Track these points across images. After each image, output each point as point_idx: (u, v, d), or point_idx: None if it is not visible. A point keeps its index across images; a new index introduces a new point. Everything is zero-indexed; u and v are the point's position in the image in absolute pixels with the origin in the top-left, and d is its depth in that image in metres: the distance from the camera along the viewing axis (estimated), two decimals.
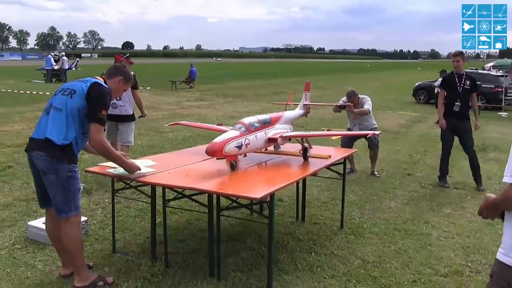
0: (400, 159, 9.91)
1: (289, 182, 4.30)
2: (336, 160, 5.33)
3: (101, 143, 3.92)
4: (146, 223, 5.56)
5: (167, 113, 16.64)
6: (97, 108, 3.84)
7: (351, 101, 8.32)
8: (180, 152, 5.99)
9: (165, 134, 12.12)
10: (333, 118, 16.27)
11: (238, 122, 4.65)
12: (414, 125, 15.56)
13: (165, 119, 14.47)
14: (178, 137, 11.73)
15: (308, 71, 57.78)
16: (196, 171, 4.44)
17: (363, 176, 8.37)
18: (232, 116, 14.82)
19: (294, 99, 6.41)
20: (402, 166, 9.29)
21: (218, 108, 18.72)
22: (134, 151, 9.56)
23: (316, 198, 6.93)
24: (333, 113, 9.16)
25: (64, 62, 30.69)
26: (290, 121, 5.46)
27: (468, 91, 7.71)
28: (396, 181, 8.10)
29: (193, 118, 14.94)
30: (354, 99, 8.37)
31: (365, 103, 8.38)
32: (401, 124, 15.70)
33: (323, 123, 14.05)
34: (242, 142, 4.44)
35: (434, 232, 5.70)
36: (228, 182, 4.21)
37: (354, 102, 8.32)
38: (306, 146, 5.10)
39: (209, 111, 17.56)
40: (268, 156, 5.23)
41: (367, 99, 8.45)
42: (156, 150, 9.51)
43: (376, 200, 6.98)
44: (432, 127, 15.38)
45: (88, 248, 4.89)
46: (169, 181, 4.18)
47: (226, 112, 17.32)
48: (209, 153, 4.27)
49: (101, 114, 3.84)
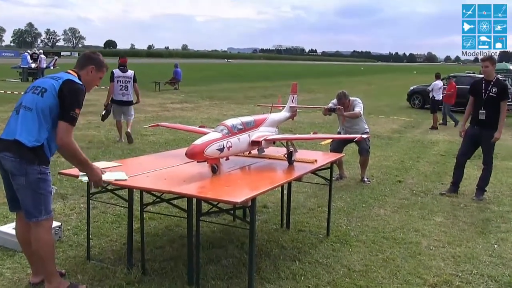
0: (391, 166, 10.01)
1: (273, 187, 4.34)
2: (322, 165, 5.38)
3: (69, 144, 3.78)
4: (123, 229, 5.56)
5: (149, 115, 16.64)
6: (70, 106, 3.78)
7: (341, 103, 8.32)
8: (160, 154, 6.00)
9: (146, 137, 12.10)
10: (324, 122, 16.38)
11: (220, 124, 4.68)
12: (408, 131, 15.73)
13: (147, 121, 14.48)
14: (160, 140, 11.73)
15: (299, 73, 58.01)
16: (176, 175, 4.46)
17: (352, 183, 8.44)
18: (218, 119, 14.84)
19: (284, 102, 6.45)
20: (393, 172, 9.38)
21: (203, 111, 18.74)
22: (114, 155, 9.55)
23: (302, 205, 6.98)
24: (324, 117, 9.26)
25: (42, 61, 30.53)
26: (275, 124, 5.50)
27: (493, 98, 7.47)
28: (387, 188, 8.18)
29: (177, 120, 14.95)
30: (345, 101, 8.39)
31: (356, 105, 8.40)
32: (394, 129, 15.87)
33: (314, 127, 14.10)
34: (224, 145, 4.46)
35: (424, 240, 5.77)
36: (208, 186, 4.23)
37: (345, 105, 8.33)
38: (291, 150, 5.14)
39: (193, 114, 17.56)
40: (251, 159, 5.27)
41: (358, 102, 8.46)
42: (137, 154, 9.50)
43: (364, 208, 7.04)
44: (426, 132, 15.57)
45: (61, 254, 4.88)
46: (147, 185, 4.19)
47: (212, 115, 17.34)
48: (189, 156, 4.30)
49: (74, 112, 3.77)
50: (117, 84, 11.18)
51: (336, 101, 8.51)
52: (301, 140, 9.84)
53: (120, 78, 11.22)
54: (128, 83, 11.24)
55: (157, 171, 4.60)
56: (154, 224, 5.88)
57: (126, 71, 11.35)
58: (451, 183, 8.05)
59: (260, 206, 6.72)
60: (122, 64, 11.44)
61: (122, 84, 11.20)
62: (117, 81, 11.18)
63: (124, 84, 11.22)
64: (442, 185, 8.51)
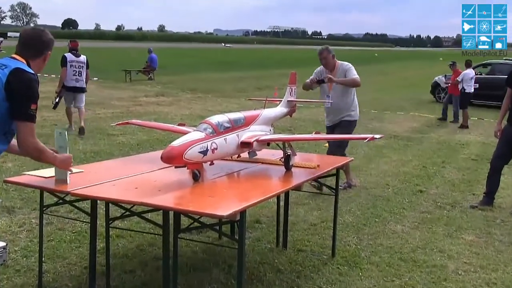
0: (411, 172, 10.07)
1: (266, 197, 4.36)
2: (326, 171, 5.40)
3: (35, 145, 3.88)
4: (84, 249, 5.56)
5: (118, 111, 16.64)
6: (26, 103, 3.78)
7: (322, 58, 8.08)
8: (130, 158, 6.01)
9: (114, 138, 12.11)
10: None
11: (204, 122, 4.69)
12: (432, 130, 15.82)
13: (115, 118, 14.44)
14: (131, 142, 11.74)
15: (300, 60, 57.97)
16: (149, 183, 4.47)
17: (363, 193, 8.49)
18: (201, 115, 14.85)
19: (280, 95, 6.47)
20: (414, 180, 9.44)
21: (184, 106, 18.75)
22: (74, 159, 9.48)
23: (302, 219, 6.99)
24: None
25: None
26: (270, 121, 5.52)
27: None
28: (405, 200, 8.22)
29: (152, 117, 14.96)
30: (328, 56, 8.11)
31: (348, 70, 8.08)
32: (415, 128, 15.94)
33: (316, 126, 14.14)
34: (208, 147, 4.48)
35: (451, 264, 5.81)
36: (189, 197, 4.25)
37: (329, 64, 8.09)
38: (288, 153, 5.16)
39: (172, 109, 17.57)
40: (240, 164, 5.29)
41: (350, 66, 8.16)
42: (103, 157, 9.49)
43: (378, 223, 7.07)
44: (454, 132, 15.66)
45: (5, 282, 4.87)
46: (114, 195, 4.20)
47: (194, 111, 17.35)
48: (165, 160, 4.30)
49: (31, 109, 3.80)
50: (70, 69, 12.30)
51: (321, 70, 8.26)
52: (301, 141, 9.86)
53: (74, 63, 12.38)
54: (82, 69, 12.53)
55: (127, 178, 4.61)
56: (123, 243, 5.88)
57: (79, 56, 12.58)
58: (485, 193, 8.11)
59: (252, 221, 6.72)
60: (74, 48, 12.66)
61: (75, 70, 12.36)
62: (70, 65, 12.31)
63: (78, 70, 12.39)
64: (473, 196, 8.56)
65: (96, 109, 16.58)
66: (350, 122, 8.39)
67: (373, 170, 9.95)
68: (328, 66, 8.17)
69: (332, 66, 8.18)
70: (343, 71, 8.16)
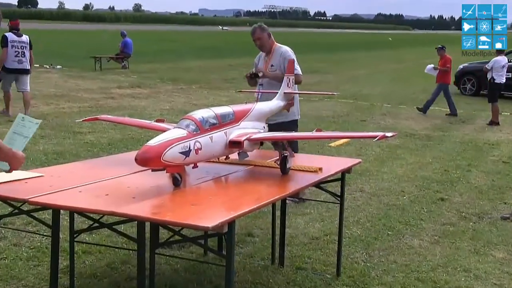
0: (430, 177, 10.11)
1: (259, 205, 4.37)
2: (330, 175, 5.42)
3: None
4: (44, 268, 5.54)
5: (86, 105, 16.64)
6: None
7: (256, 39, 7.73)
8: (100, 161, 6.01)
9: (81, 136, 12.10)
10: (335, 115, 16.47)
11: (186, 117, 4.70)
12: (455, 127, 15.90)
13: (83, 114, 14.41)
14: (102, 141, 11.72)
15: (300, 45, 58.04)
16: (122, 189, 4.49)
17: (374, 201, 8.53)
18: (184, 110, 14.83)
19: None
20: (433, 187, 9.48)
21: (164, 99, 18.76)
22: (33, 161, 9.52)
23: (302, 232, 7.01)
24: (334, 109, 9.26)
25: None
26: (264, 117, 5.54)
27: None
28: (423, 209, 8.25)
29: (126, 112, 14.99)
30: (262, 36, 7.77)
31: (288, 58, 7.46)
32: (435, 125, 16.02)
33: (319, 123, 14.18)
34: (191, 146, 4.49)
35: (478, 285, 5.83)
36: (168, 205, 4.26)
37: (265, 46, 7.72)
38: (285, 154, 5.17)
39: (149, 103, 17.58)
40: (229, 167, 5.30)
41: (291, 53, 7.75)
42: (68, 159, 9.49)
43: (391, 236, 7.10)
44: (483, 129, 15.71)
45: None
46: (81, 203, 4.20)
47: (175, 105, 17.36)
48: (140, 162, 4.31)
49: None
50: (12, 50, 13.19)
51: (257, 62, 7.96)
52: (300, 139, 9.87)
53: (15, 43, 13.28)
54: (25, 49, 13.33)
55: (96, 183, 4.62)
56: (91, 261, 5.86)
57: (21, 36, 13.52)
58: None
59: (243, 234, 6.74)
60: (15, 28, 13.47)
61: (18, 50, 13.28)
62: (11, 46, 13.20)
63: (21, 50, 13.30)
64: (504, 205, 8.61)
65: (60, 103, 16.58)
66: (288, 124, 8.08)
67: (385, 175, 9.99)
68: (263, 49, 7.96)
69: (268, 48, 7.94)
70: (282, 58, 7.82)
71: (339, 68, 34.31)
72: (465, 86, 23.76)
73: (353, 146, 12.07)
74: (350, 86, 24.89)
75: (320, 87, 21.37)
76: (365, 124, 15.47)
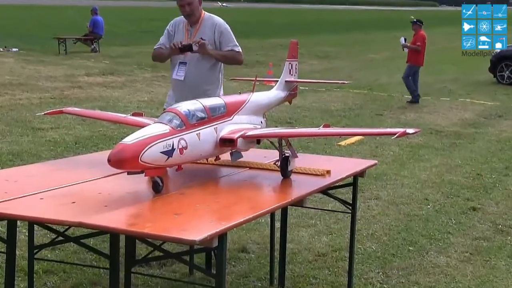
0: (460, 182, 10.12)
1: (255, 215, 4.37)
2: (339, 179, 5.43)
3: None
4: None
5: (48, 95, 16.63)
6: None
7: (185, 3, 7.01)
8: (65, 162, 6.00)
9: (42, 133, 12.09)
10: (347, 109, 16.45)
11: (168, 110, 4.73)
12: (490, 123, 15.90)
13: (44, 106, 14.43)
14: (67, 139, 11.71)
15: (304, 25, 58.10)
16: (92, 196, 4.50)
17: (392, 210, 8.55)
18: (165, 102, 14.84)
19: (277, 74, 6.49)
20: (464, 194, 9.49)
21: (142, 89, 18.77)
22: None
23: (306, 247, 7.02)
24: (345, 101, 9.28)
25: None
26: (262, 110, 5.57)
27: None
28: (451, 220, 8.27)
29: (96, 104, 14.96)
30: (193, 0, 7.05)
31: (224, 34, 7.19)
32: (466, 120, 16.05)
33: (327, 117, 14.21)
34: (175, 145, 4.50)
35: None
36: (147, 215, 4.28)
37: (195, 14, 7.06)
38: (287, 154, 5.19)
39: (124, 93, 17.59)
40: (220, 170, 5.33)
41: (228, 29, 7.25)
42: (26, 160, 9.50)
43: (413, 253, 7.10)
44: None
45: None
46: (42, 213, 4.20)
47: (156, 96, 17.34)
48: (114, 163, 4.32)
49: None
50: None
51: (176, 25, 7.30)
52: (304, 137, 9.90)
53: None
54: None
55: (60, 189, 4.62)
56: (54, 282, 5.82)
57: None
58: None
59: (236, 249, 6.76)
60: None
61: None
62: None
63: None
64: None
65: (16, 93, 16.56)
66: None
67: (406, 179, 10.00)
68: (192, 17, 7.19)
69: (197, 17, 7.27)
70: (218, 32, 7.26)
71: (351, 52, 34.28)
72: (503, 74, 23.70)
73: (367, 145, 12.09)
74: (365, 74, 24.90)
75: (328, 75, 21.40)
76: (382, 119, 15.48)
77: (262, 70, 18.95)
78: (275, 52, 28.61)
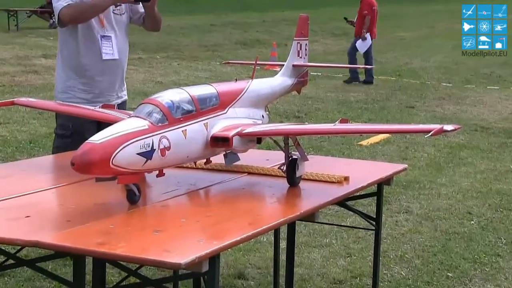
0: (511, 192, 10.13)
1: (254, 232, 4.38)
2: (360, 188, 5.43)
3: None
4: None
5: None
6: None
7: None
8: (15, 166, 6.03)
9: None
10: (369, 100, 16.48)
11: (147, 101, 4.71)
12: None
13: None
14: (19, 137, 11.75)
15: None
16: (50, 208, 4.52)
17: (427, 227, 8.55)
18: (144, 92, 14.93)
19: (282, 57, 6.50)
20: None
21: None
22: None
23: (318, 273, 7.03)
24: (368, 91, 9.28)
25: None
26: (263, 101, 5.60)
27: None
28: (501, 239, 8.28)
29: None
30: None
31: None
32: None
33: (344, 111, 14.24)
34: (155, 145, 4.50)
35: None
36: (120, 232, 4.25)
37: None
38: (295, 157, 5.19)
39: None
40: (211, 175, 5.34)
41: None
42: None
43: (453, 280, 7.11)
44: None
45: None
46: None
47: (131, 83, 17.22)
48: (79, 167, 4.31)
49: None
50: None
51: None
52: (317, 135, 9.92)
53: None
54: None
55: (11, 200, 4.63)
56: None
57: None
58: None
59: (231, 275, 6.77)
60: None
61: None
62: None
63: None
64: None
65: None
66: None
67: (443, 188, 10.04)
68: None
69: None
70: None
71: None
72: None
73: (395, 145, 12.13)
74: (393, 56, 25.01)
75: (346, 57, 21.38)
76: (413, 113, 15.55)
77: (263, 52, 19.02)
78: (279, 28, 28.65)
